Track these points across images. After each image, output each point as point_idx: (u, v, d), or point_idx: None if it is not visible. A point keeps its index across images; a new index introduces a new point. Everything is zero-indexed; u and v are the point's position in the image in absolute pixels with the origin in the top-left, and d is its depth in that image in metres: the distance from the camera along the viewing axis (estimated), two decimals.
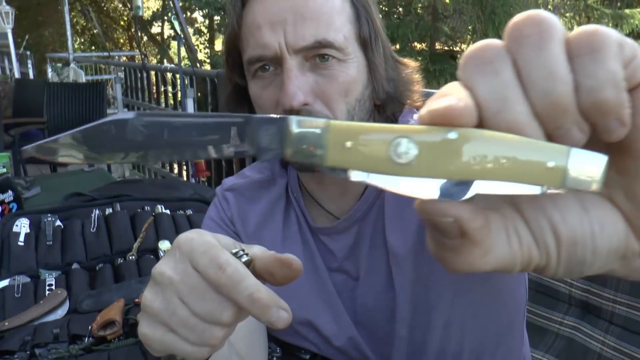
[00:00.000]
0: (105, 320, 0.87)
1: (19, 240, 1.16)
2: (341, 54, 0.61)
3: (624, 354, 1.14)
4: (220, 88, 3.27)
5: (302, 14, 0.59)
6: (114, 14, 14.75)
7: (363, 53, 0.64)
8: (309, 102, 0.60)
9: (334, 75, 0.61)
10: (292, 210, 0.75)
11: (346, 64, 0.61)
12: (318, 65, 0.61)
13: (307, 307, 0.73)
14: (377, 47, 0.64)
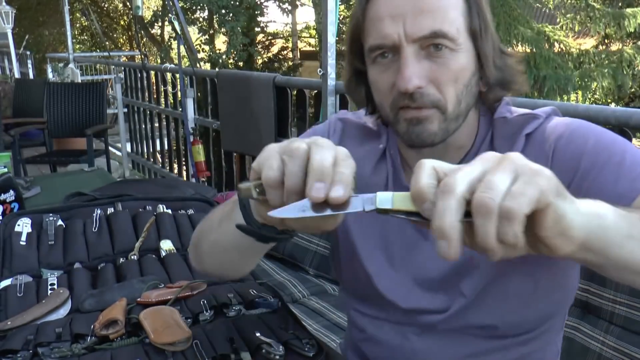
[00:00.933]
0: (107, 320, 0.87)
1: (20, 239, 1.16)
2: (453, 44, 0.68)
3: (624, 354, 1.14)
4: (221, 88, 3.28)
5: (421, 8, 0.68)
6: (114, 14, 14.74)
7: (473, 43, 0.71)
8: (422, 85, 0.69)
9: (446, 63, 0.69)
10: (384, 166, 0.83)
11: (457, 53, 0.69)
12: (432, 54, 0.69)
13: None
14: (486, 38, 0.71)
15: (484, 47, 0.71)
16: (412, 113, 0.71)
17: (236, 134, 3.19)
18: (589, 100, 8.28)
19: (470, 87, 0.72)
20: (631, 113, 1.42)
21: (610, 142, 0.69)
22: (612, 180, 0.66)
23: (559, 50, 8.03)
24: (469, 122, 0.76)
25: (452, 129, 0.72)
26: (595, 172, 0.68)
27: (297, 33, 12.80)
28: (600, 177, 0.67)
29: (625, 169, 0.66)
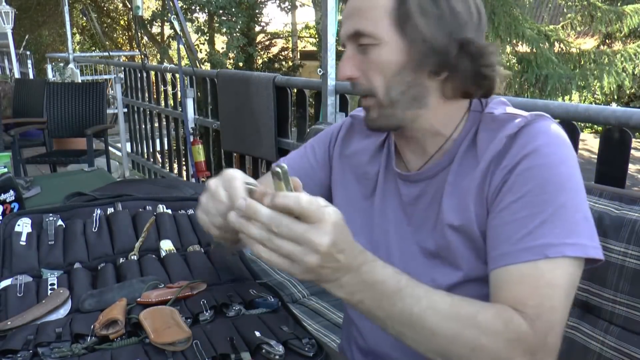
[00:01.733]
0: (107, 320, 0.87)
1: (20, 239, 1.16)
2: (374, 40, 0.78)
3: (624, 354, 1.14)
4: (221, 88, 3.28)
5: (351, 12, 0.81)
6: (114, 13, 14.74)
7: (401, 37, 0.78)
8: (352, 76, 0.82)
9: (371, 57, 0.79)
10: (380, 155, 0.94)
11: (379, 47, 0.78)
12: (362, 49, 0.80)
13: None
14: (410, 34, 0.77)
15: (409, 40, 0.77)
16: (361, 101, 0.85)
17: (236, 134, 3.19)
18: (589, 100, 8.28)
19: (400, 77, 0.79)
20: (631, 113, 1.42)
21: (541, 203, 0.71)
22: (504, 233, 0.73)
23: (559, 50, 8.03)
24: (440, 111, 0.82)
25: (391, 115, 0.81)
26: (502, 214, 0.74)
27: (297, 33, 12.79)
28: (500, 220, 0.74)
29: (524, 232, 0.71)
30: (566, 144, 0.75)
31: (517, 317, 0.68)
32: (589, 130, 11.22)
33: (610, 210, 1.22)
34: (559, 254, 0.69)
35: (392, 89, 0.80)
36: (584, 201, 0.73)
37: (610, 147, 1.50)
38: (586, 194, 0.95)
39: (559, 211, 0.70)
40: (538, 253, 0.69)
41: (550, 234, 0.69)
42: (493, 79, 0.79)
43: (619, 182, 1.44)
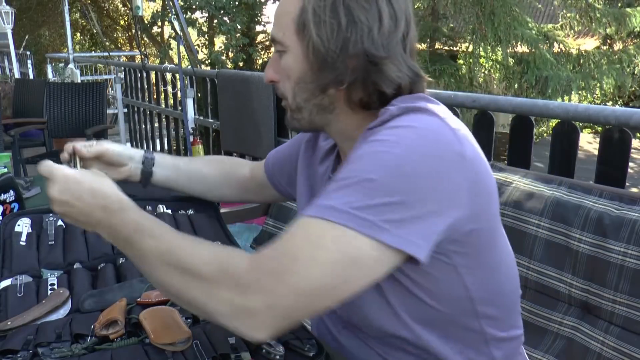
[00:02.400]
0: (107, 320, 0.87)
1: (20, 240, 1.16)
2: (282, 47, 0.81)
3: (624, 354, 1.14)
4: (221, 88, 3.28)
5: (274, 17, 0.83)
6: (114, 14, 14.74)
7: (302, 46, 0.79)
8: (274, 79, 0.85)
9: (281, 62, 0.82)
10: (330, 157, 0.94)
11: (286, 54, 0.81)
12: (279, 54, 0.83)
13: None
14: (306, 41, 0.78)
15: (306, 49, 0.78)
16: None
17: (236, 134, 3.19)
18: (588, 100, 8.28)
19: (304, 84, 0.80)
20: (631, 113, 1.42)
21: (352, 170, 0.69)
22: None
23: (559, 51, 8.03)
24: (349, 116, 0.82)
25: (299, 119, 0.84)
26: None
27: None
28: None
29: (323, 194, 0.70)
30: (423, 134, 0.70)
31: (236, 255, 0.70)
32: (589, 131, 11.22)
33: (610, 210, 1.22)
34: (338, 220, 0.65)
35: (297, 95, 0.82)
36: (419, 201, 0.66)
37: (610, 147, 1.50)
38: (586, 194, 0.94)
39: (363, 183, 0.66)
40: (321, 212, 0.67)
41: (341, 199, 0.66)
42: (389, 89, 0.77)
43: (619, 182, 1.44)
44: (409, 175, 0.66)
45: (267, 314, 0.65)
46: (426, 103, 0.76)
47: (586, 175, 1.79)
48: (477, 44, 8.08)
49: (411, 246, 0.66)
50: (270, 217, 2.07)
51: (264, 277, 0.66)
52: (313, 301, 0.67)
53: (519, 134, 1.74)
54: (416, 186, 0.67)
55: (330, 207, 0.67)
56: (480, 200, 0.73)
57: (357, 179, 0.67)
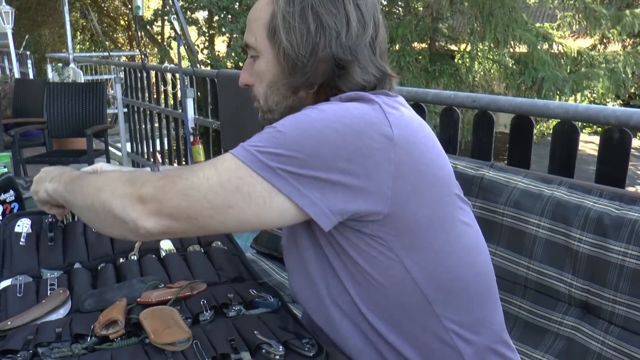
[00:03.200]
0: (107, 320, 0.87)
1: (20, 240, 1.16)
2: (255, 52, 0.85)
3: (624, 354, 1.14)
4: (221, 88, 3.28)
5: (247, 22, 0.88)
6: (114, 13, 14.74)
7: (274, 51, 0.83)
8: (249, 83, 0.89)
9: (254, 66, 0.86)
10: None
11: (258, 58, 0.85)
12: (252, 59, 0.87)
13: None
14: (277, 46, 0.82)
15: (280, 54, 0.82)
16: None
17: (236, 134, 3.19)
18: (587, 100, 8.28)
19: (276, 87, 0.85)
20: (631, 113, 1.42)
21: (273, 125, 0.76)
22: None
23: (556, 52, 8.04)
24: None
25: (270, 119, 0.86)
26: None
27: None
28: None
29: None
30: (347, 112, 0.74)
31: (146, 177, 0.78)
32: (589, 130, 11.22)
33: (610, 210, 1.22)
34: (240, 156, 0.73)
35: (269, 98, 0.86)
36: (324, 165, 0.72)
37: (610, 147, 1.50)
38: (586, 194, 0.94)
39: (274, 134, 0.74)
40: (234, 150, 0.75)
41: (250, 142, 0.75)
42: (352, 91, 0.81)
43: (619, 182, 1.44)
44: (316, 139, 0.72)
45: (154, 204, 0.74)
46: (375, 95, 0.79)
47: (585, 175, 1.79)
48: (475, 44, 8.09)
49: (303, 199, 0.72)
50: None
51: (162, 179, 0.76)
52: (196, 209, 0.74)
53: (519, 134, 1.74)
54: (322, 150, 0.72)
55: (241, 146, 0.75)
56: (411, 183, 0.75)
57: (270, 130, 0.75)
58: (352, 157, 0.72)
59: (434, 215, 0.79)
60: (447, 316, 0.82)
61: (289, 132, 0.73)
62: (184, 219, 0.75)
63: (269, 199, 0.73)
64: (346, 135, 0.72)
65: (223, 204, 0.73)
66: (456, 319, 0.83)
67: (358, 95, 0.79)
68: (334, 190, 0.72)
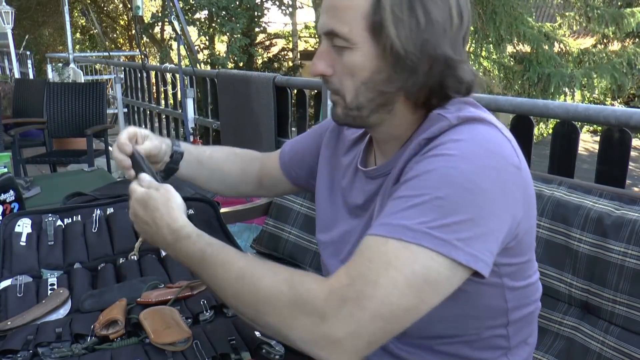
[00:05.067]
0: (107, 320, 0.87)
1: (20, 240, 1.16)
2: (347, 43, 0.74)
3: (624, 354, 1.14)
4: (221, 88, 3.28)
5: (327, 7, 0.76)
6: (114, 13, 14.74)
7: (375, 43, 0.73)
8: (327, 73, 0.79)
9: (343, 59, 0.76)
10: (357, 148, 0.93)
11: (352, 51, 0.75)
12: (336, 48, 0.77)
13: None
14: (383, 41, 0.72)
15: (382, 48, 0.73)
16: (330, 95, 0.83)
17: (236, 134, 3.19)
18: (587, 99, 8.28)
19: (372, 84, 0.76)
20: (631, 113, 1.42)
21: (421, 187, 0.68)
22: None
23: (559, 50, 8.03)
24: (403, 116, 0.79)
25: (356, 117, 0.79)
26: (393, 194, 0.72)
27: (297, 33, 12.80)
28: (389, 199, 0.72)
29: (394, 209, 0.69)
30: (486, 146, 0.69)
31: (310, 281, 0.68)
32: (586, 130, 11.22)
33: (610, 210, 1.22)
34: (413, 240, 0.65)
35: (361, 95, 0.77)
36: (481, 206, 0.67)
37: (610, 147, 1.50)
38: (586, 194, 0.94)
39: (435, 202, 0.66)
40: (393, 231, 0.66)
41: (414, 219, 0.66)
42: (458, 92, 0.76)
43: (619, 182, 1.44)
44: (476, 192, 0.66)
45: (351, 341, 0.65)
46: (478, 111, 0.75)
47: (583, 175, 1.79)
48: (479, 43, 8.08)
49: (479, 263, 0.66)
50: (270, 217, 2.07)
51: (344, 305, 0.65)
52: (393, 324, 0.66)
53: (519, 134, 1.74)
54: (483, 202, 0.67)
55: (402, 226, 0.66)
56: (529, 209, 0.75)
57: (427, 197, 0.66)
58: (501, 199, 0.68)
59: (533, 235, 0.80)
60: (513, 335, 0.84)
61: (450, 194, 0.66)
62: (381, 339, 0.67)
63: (451, 276, 0.66)
64: (495, 179, 0.68)
65: (415, 304, 0.65)
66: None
67: (472, 115, 0.73)
68: (495, 238, 0.68)
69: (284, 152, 1.12)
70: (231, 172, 1.14)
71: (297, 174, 1.09)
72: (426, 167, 0.69)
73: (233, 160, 1.15)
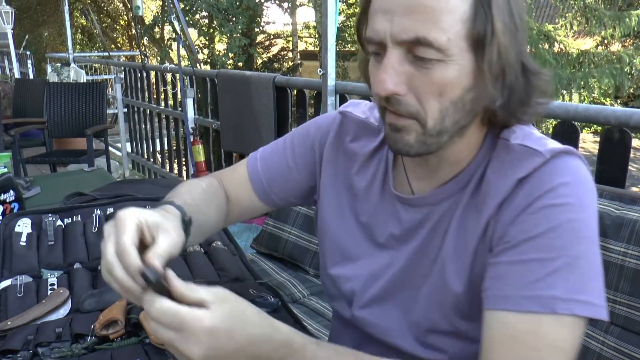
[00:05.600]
0: (107, 320, 0.87)
1: (20, 240, 1.16)
2: (441, 55, 0.60)
3: (624, 354, 1.14)
4: (221, 88, 3.28)
5: (412, 7, 0.59)
6: (114, 13, 14.74)
7: (474, 55, 0.61)
8: (399, 92, 0.63)
9: (430, 74, 0.61)
10: (372, 166, 0.81)
11: (446, 64, 0.61)
12: (417, 60, 0.61)
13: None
14: (489, 52, 0.60)
15: (484, 61, 0.61)
16: (391, 118, 0.66)
17: (236, 134, 3.20)
18: (587, 100, 8.28)
19: (462, 104, 0.63)
20: (631, 113, 1.42)
21: (555, 249, 0.61)
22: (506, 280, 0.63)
23: (558, 51, 8.03)
24: (470, 138, 0.70)
25: (433, 144, 0.66)
26: (509, 252, 0.64)
27: (297, 33, 12.81)
28: (506, 258, 0.64)
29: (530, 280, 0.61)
30: (589, 187, 0.64)
31: None
32: (587, 130, 11.22)
33: (610, 210, 1.22)
34: (567, 311, 0.59)
35: (447, 117, 0.64)
36: (599, 254, 0.63)
37: (610, 147, 1.50)
38: None
39: (573, 262, 0.60)
40: (545, 305, 0.59)
41: (561, 287, 0.60)
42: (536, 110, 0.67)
43: (619, 182, 1.44)
44: (596, 242, 0.63)
45: None
46: (543, 136, 0.69)
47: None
48: None
49: (605, 312, 0.62)
50: (270, 217, 2.07)
51: None
52: None
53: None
54: (598, 248, 0.64)
55: (553, 297, 0.60)
56: None
57: (565, 259, 0.61)
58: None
59: None
60: None
61: (584, 251, 0.61)
62: None
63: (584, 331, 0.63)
64: (597, 221, 0.65)
65: None
66: None
67: (563, 150, 0.65)
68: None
69: (256, 173, 0.91)
70: (215, 218, 0.87)
71: (278, 197, 0.91)
72: (550, 222, 0.61)
73: (213, 204, 0.88)
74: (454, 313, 0.70)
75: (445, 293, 0.70)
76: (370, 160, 0.82)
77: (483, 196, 0.68)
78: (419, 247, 0.74)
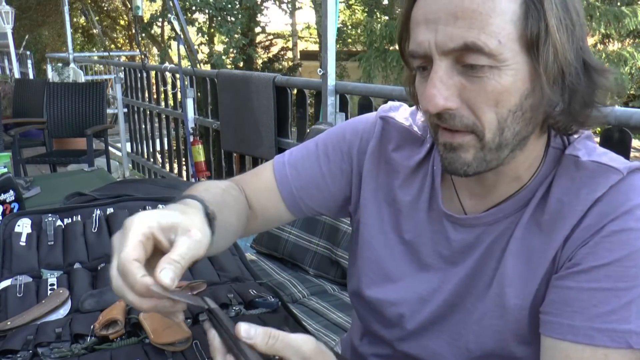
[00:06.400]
0: (107, 320, 0.87)
1: (20, 240, 1.16)
2: (493, 61, 0.56)
3: None
4: (221, 88, 3.28)
5: (456, 13, 0.55)
6: (114, 13, 14.74)
7: (529, 58, 0.57)
8: (451, 107, 0.58)
9: (484, 83, 0.57)
10: (417, 180, 0.76)
11: (499, 71, 0.56)
12: (468, 69, 0.57)
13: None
14: (544, 52, 0.56)
15: (539, 63, 0.56)
16: (445, 137, 0.61)
17: (236, 134, 3.20)
18: None
19: (521, 112, 0.58)
20: (631, 113, 1.42)
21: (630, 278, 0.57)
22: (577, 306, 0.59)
23: None
24: (530, 151, 0.64)
25: (493, 159, 0.61)
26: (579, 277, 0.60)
27: (297, 33, 12.81)
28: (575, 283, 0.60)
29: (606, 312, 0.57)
30: None
31: None
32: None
33: None
34: (609, 344, 0.56)
35: (507, 129, 0.59)
36: None
37: (610, 147, 1.49)
38: None
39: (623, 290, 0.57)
40: (619, 340, 0.56)
41: (635, 320, 0.56)
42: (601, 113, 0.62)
43: None
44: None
45: None
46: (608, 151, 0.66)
47: None
48: None
49: None
50: None
51: None
52: None
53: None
54: None
55: (628, 332, 0.56)
56: None
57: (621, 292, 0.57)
58: None
59: None
60: None
61: None
62: None
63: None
64: None
65: None
66: None
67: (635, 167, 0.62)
68: None
69: (285, 180, 0.83)
70: (239, 225, 0.78)
71: (307, 206, 0.84)
72: (625, 249, 0.57)
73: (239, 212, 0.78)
74: (511, 338, 0.67)
75: (503, 317, 0.66)
76: (416, 173, 0.76)
77: (552, 216, 0.63)
78: (472, 270, 0.70)
